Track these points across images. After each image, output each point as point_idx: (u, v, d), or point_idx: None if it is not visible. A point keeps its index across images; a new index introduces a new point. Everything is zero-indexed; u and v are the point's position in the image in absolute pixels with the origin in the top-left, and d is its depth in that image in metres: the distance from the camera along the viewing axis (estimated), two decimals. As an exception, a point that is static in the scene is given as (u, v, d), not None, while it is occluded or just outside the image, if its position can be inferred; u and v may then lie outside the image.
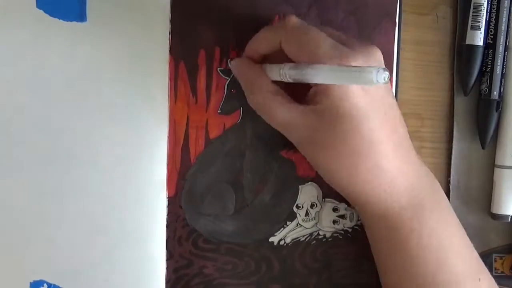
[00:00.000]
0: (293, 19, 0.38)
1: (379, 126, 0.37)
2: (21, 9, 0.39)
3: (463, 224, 0.41)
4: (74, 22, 0.40)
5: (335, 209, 0.44)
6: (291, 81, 0.37)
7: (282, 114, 0.38)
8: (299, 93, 0.39)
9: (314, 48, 0.36)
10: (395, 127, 0.38)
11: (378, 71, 0.30)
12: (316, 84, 0.37)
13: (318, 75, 0.35)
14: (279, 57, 0.38)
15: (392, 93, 0.40)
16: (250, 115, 0.43)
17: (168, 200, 0.42)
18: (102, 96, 0.41)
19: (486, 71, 0.46)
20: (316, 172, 0.44)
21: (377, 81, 0.30)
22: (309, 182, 0.44)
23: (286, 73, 0.37)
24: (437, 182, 0.41)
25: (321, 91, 0.37)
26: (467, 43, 0.45)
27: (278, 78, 0.38)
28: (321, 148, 0.37)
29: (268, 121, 0.39)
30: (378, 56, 0.38)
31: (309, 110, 0.37)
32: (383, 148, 0.37)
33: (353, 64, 0.35)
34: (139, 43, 0.41)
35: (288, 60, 0.38)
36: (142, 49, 0.41)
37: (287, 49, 0.37)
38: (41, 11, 0.39)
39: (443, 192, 0.41)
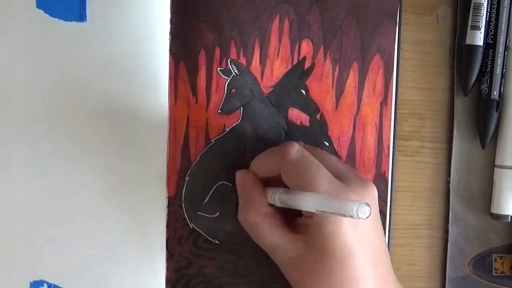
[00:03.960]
0: (294, 148, 0.39)
1: (365, 263, 0.38)
2: (21, 9, 0.39)
3: (463, 224, 0.41)
4: (74, 22, 0.40)
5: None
6: (280, 205, 0.38)
7: (271, 238, 0.39)
8: (292, 218, 0.40)
9: (311, 185, 0.37)
10: (379, 262, 0.39)
11: (359, 206, 0.32)
12: (309, 215, 0.38)
13: (303, 202, 0.36)
14: (281, 182, 0.39)
15: (381, 227, 0.40)
16: (250, 115, 0.43)
17: (168, 200, 0.42)
18: (102, 96, 0.41)
19: (486, 71, 0.46)
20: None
21: (358, 215, 0.32)
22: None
23: (277, 197, 0.38)
24: None
25: (313, 224, 0.37)
26: (467, 43, 0.45)
27: (270, 201, 0.39)
28: (307, 276, 0.38)
29: (255, 239, 0.40)
30: (372, 194, 0.39)
31: (300, 240, 0.38)
32: (366, 285, 0.38)
33: None
34: (139, 43, 0.41)
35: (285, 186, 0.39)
36: (142, 49, 0.41)
37: (285, 179, 0.39)
38: (41, 11, 0.39)
39: None
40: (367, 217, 0.32)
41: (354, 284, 0.37)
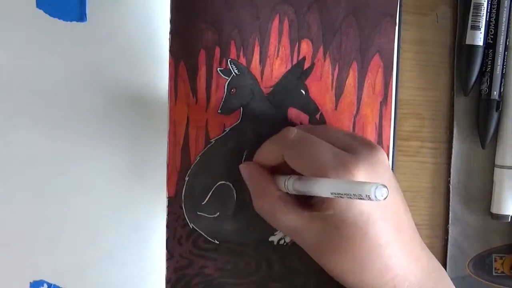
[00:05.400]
0: (292, 132, 0.39)
1: (386, 229, 0.37)
2: (21, 9, 0.39)
3: (463, 224, 0.41)
4: (74, 22, 0.40)
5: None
6: (294, 193, 0.38)
7: (289, 221, 0.39)
8: (306, 196, 0.39)
9: (316, 161, 0.37)
10: (401, 227, 0.39)
11: (376, 188, 0.31)
12: None
13: (319, 190, 0.36)
14: (288, 168, 0.39)
15: (399, 192, 0.40)
16: (250, 115, 0.43)
17: (168, 200, 0.42)
18: (102, 96, 0.41)
19: (486, 71, 0.46)
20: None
21: (375, 197, 0.31)
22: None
23: (290, 186, 0.38)
24: (445, 273, 0.42)
25: (328, 199, 0.37)
26: (467, 43, 0.45)
27: (284, 190, 0.39)
28: (330, 252, 0.38)
29: (275, 226, 0.40)
30: (382, 159, 0.38)
31: (316, 217, 0.38)
32: (391, 250, 0.38)
33: (356, 172, 0.36)
34: (139, 43, 0.41)
35: (294, 171, 0.39)
36: (142, 49, 0.41)
37: (290, 163, 0.38)
38: (41, 11, 0.39)
39: (451, 283, 0.42)
40: (385, 198, 0.31)
41: (378, 250, 0.37)
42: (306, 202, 0.39)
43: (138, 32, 0.41)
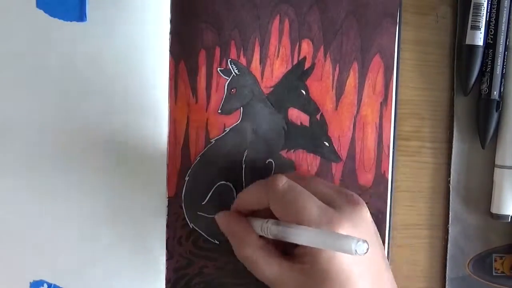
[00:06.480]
0: (281, 181, 0.39)
1: (365, 284, 0.37)
2: (21, 9, 0.39)
3: (463, 224, 0.41)
4: (74, 22, 0.40)
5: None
6: (271, 237, 0.38)
7: (269, 271, 0.39)
8: (288, 245, 0.39)
9: (300, 214, 0.37)
10: (381, 278, 0.39)
11: (358, 243, 0.32)
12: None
13: (299, 238, 0.36)
14: (267, 212, 0.39)
15: (379, 241, 0.40)
16: (250, 115, 0.43)
17: (168, 200, 0.42)
18: (102, 96, 0.41)
19: (486, 71, 0.46)
20: (315, 171, 0.44)
21: (356, 251, 0.32)
22: (309, 182, 0.44)
23: (268, 229, 0.38)
24: None
25: (310, 252, 0.37)
26: (467, 43, 0.45)
27: (260, 233, 0.39)
28: None
29: (255, 275, 0.40)
30: (365, 216, 0.39)
31: (297, 269, 0.38)
32: None
33: (339, 228, 0.36)
34: (139, 43, 0.41)
35: (272, 215, 0.39)
36: (142, 49, 0.41)
37: (275, 211, 0.39)
38: (41, 11, 0.39)
39: None
40: (365, 254, 0.32)
41: None
42: (288, 250, 0.39)
43: (138, 32, 0.41)
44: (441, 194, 0.47)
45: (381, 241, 0.41)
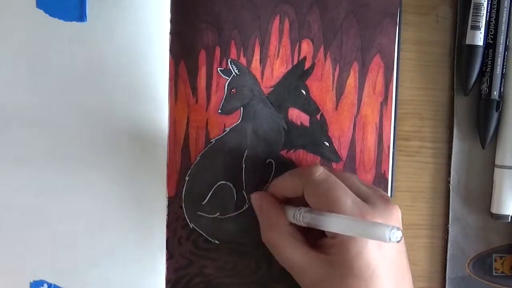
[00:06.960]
0: (318, 170, 0.39)
1: (388, 284, 0.37)
2: (21, 9, 0.39)
3: (463, 224, 0.41)
4: (74, 22, 0.40)
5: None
6: (304, 225, 0.38)
7: (295, 257, 0.39)
8: (315, 235, 0.39)
9: (335, 205, 0.37)
10: (402, 283, 0.39)
11: (392, 230, 0.32)
12: (332, 235, 0.38)
13: (333, 225, 0.36)
14: (299, 202, 0.39)
15: (405, 252, 0.40)
16: (250, 115, 0.43)
17: (168, 200, 0.42)
18: (102, 96, 0.41)
19: (486, 71, 0.46)
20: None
21: (390, 239, 0.32)
22: (309, 182, 0.44)
23: (301, 216, 0.38)
24: None
25: (338, 244, 0.37)
26: (467, 43, 0.45)
27: (292, 221, 0.39)
28: None
29: (279, 259, 0.40)
30: (397, 216, 0.39)
31: (323, 259, 0.38)
32: None
33: None
34: (139, 43, 0.41)
35: (306, 205, 0.39)
36: (142, 49, 0.41)
37: (309, 199, 0.39)
38: (41, 11, 0.39)
39: None
40: (398, 242, 0.32)
41: None
42: (315, 242, 0.40)
43: (138, 32, 0.41)
44: (441, 194, 0.47)
45: (404, 244, 0.41)
